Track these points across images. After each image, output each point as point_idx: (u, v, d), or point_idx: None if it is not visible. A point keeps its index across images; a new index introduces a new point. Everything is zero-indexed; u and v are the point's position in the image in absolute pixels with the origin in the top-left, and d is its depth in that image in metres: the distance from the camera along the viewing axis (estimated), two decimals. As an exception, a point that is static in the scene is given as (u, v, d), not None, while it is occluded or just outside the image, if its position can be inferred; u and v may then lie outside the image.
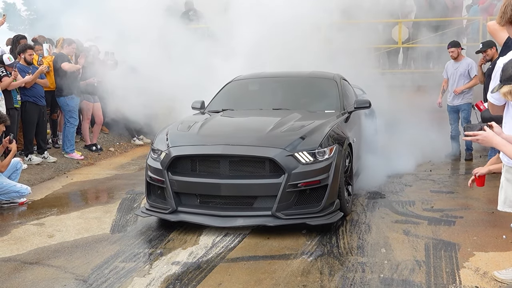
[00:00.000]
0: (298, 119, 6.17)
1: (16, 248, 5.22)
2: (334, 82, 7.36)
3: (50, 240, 5.47)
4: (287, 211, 5.34)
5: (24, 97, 8.64)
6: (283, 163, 5.32)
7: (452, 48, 9.24)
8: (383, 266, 4.57)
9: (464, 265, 4.57)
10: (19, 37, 9.67)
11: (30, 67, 8.85)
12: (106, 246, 5.23)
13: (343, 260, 4.72)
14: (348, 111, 6.90)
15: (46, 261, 4.86)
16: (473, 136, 3.57)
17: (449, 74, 9.38)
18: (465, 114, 9.22)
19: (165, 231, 5.61)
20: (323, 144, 5.54)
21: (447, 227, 5.60)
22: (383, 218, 5.94)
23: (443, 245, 5.04)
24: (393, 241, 5.20)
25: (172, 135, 5.97)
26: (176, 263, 4.73)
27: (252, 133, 5.86)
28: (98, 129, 10.69)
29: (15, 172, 7.06)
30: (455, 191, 7.22)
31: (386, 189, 7.27)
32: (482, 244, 5.07)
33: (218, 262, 4.75)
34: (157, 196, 5.87)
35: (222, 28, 11.31)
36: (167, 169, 5.62)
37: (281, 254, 4.90)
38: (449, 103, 9.43)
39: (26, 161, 8.55)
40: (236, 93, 7.58)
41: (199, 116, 6.86)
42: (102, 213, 6.41)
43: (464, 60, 9.25)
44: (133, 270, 4.60)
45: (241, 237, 5.36)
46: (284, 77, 7.86)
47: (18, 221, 6.17)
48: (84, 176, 8.60)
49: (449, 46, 9.33)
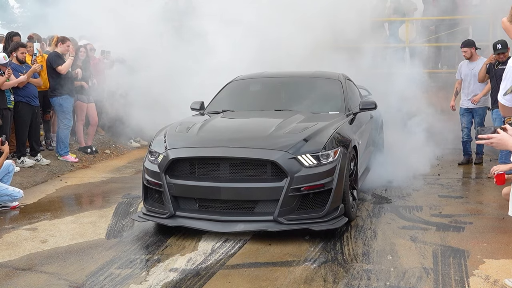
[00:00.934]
0: (301, 121, 6.17)
1: (7, 254, 5.22)
2: (339, 82, 7.36)
3: (43, 245, 5.46)
4: (289, 216, 5.33)
5: (17, 97, 8.64)
6: (285, 166, 5.31)
7: (465, 47, 9.02)
8: (389, 274, 4.56)
9: (473, 272, 4.55)
10: (12, 34, 9.67)
11: (23, 66, 8.86)
12: (102, 252, 5.22)
13: (347, 267, 4.71)
14: (353, 113, 6.89)
15: (39, 268, 4.86)
16: (487, 139, 3.54)
17: (463, 75, 9.14)
18: (479, 119, 8.98)
19: (162, 237, 5.61)
20: (327, 147, 5.53)
21: (456, 233, 5.59)
22: (390, 224, 5.93)
23: (451, 252, 5.03)
24: (399, 247, 5.19)
25: (171, 137, 5.96)
26: (174, 270, 4.72)
27: (253, 135, 5.86)
28: (93, 130, 10.69)
29: (7, 175, 7.05)
30: (464, 196, 7.21)
31: (393, 193, 7.27)
32: (493, 251, 5.06)
33: (218, 269, 4.74)
34: (155, 200, 5.86)
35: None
36: (165, 172, 5.62)
37: (283, 260, 4.89)
38: (462, 105, 9.19)
39: (18, 164, 8.55)
40: (236, 94, 7.58)
41: (198, 117, 6.86)
42: (97, 217, 6.41)
43: (480, 60, 8.95)
44: (129, 277, 4.59)
45: (242, 243, 5.35)
46: (286, 77, 7.86)
47: (10, 225, 6.17)
48: (79, 179, 8.60)
49: (462, 46, 9.11)
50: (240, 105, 7.25)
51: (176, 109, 9.55)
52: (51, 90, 9.40)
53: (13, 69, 8.52)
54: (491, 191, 7.38)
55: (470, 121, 9.17)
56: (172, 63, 10.95)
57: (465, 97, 9.15)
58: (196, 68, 10.68)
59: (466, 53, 9.05)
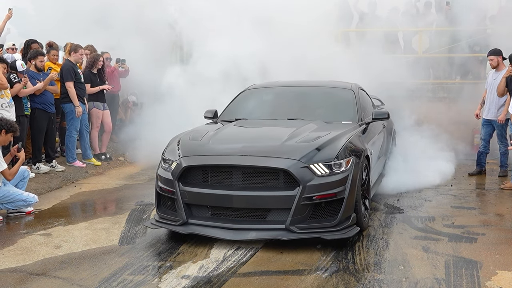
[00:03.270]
0: (314, 130, 6.17)
1: (22, 259, 5.26)
2: (352, 92, 7.35)
3: (57, 251, 5.50)
4: (301, 225, 5.31)
5: (33, 104, 8.73)
6: (298, 175, 5.31)
7: (491, 56, 8.80)
8: (401, 284, 4.53)
9: (486, 284, 4.51)
10: (30, 42, 9.76)
11: (40, 73, 8.95)
12: (114, 258, 5.24)
13: (359, 277, 4.69)
14: (365, 122, 6.88)
15: (53, 273, 4.89)
16: None
17: (488, 84, 8.94)
18: (499, 130, 8.76)
19: (175, 244, 5.62)
20: (339, 156, 5.52)
21: (469, 244, 5.54)
22: (402, 234, 5.90)
23: (464, 263, 4.99)
24: (411, 258, 5.15)
25: (184, 145, 5.98)
26: (186, 277, 4.73)
27: (266, 143, 5.86)
28: (108, 137, 10.75)
29: (22, 180, 7.12)
30: (477, 207, 7.15)
31: (405, 203, 7.23)
32: (506, 262, 5.01)
33: (229, 276, 4.74)
34: (168, 208, 5.88)
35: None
36: (178, 180, 5.63)
37: (295, 269, 4.88)
38: (484, 116, 9.00)
39: (33, 170, 8.62)
40: (250, 102, 7.60)
41: (211, 125, 6.88)
42: (111, 224, 6.44)
43: (505, 70, 8.59)
44: (141, 283, 4.61)
45: (254, 251, 5.35)
46: (299, 86, 7.87)
47: (25, 231, 6.22)
48: (93, 186, 8.65)
49: (488, 54, 8.91)
50: (253, 114, 7.27)
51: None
52: (63, 96, 9.45)
53: (30, 76, 8.61)
54: (504, 203, 7.32)
55: (489, 133, 8.98)
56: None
57: (487, 107, 8.94)
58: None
59: (492, 62, 8.81)
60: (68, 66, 9.36)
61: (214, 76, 10.65)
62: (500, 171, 9.05)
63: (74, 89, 9.30)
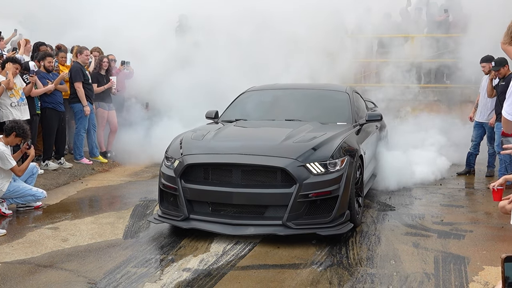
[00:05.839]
0: (310, 130, 6.17)
1: (30, 251, 5.25)
2: (346, 94, 7.36)
3: (64, 244, 5.49)
4: (297, 221, 5.32)
5: (44, 104, 8.71)
6: (294, 173, 5.31)
7: (483, 63, 8.73)
8: (392, 278, 4.53)
9: (473, 278, 4.52)
10: (39, 44, 9.76)
11: (50, 74, 8.94)
12: (119, 251, 5.24)
13: (352, 271, 4.69)
14: (359, 123, 6.88)
15: (60, 265, 4.88)
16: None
17: (481, 89, 8.92)
18: (489, 133, 8.73)
19: (176, 238, 5.62)
20: (334, 156, 5.52)
21: (457, 241, 5.54)
22: (393, 230, 5.90)
23: (452, 259, 4.99)
24: (402, 253, 5.15)
25: (186, 143, 5.98)
26: (187, 270, 4.73)
27: (265, 143, 5.86)
28: (113, 136, 10.73)
29: (31, 176, 7.11)
30: (465, 205, 7.15)
31: (396, 201, 7.22)
32: (492, 258, 5.01)
33: (228, 270, 4.74)
34: (170, 203, 5.88)
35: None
36: (180, 177, 5.63)
37: (291, 263, 4.88)
38: (476, 118, 9.00)
39: (42, 167, 8.61)
40: (249, 104, 7.59)
41: (212, 125, 6.88)
42: (115, 218, 6.43)
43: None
44: (144, 276, 4.61)
45: (252, 245, 5.35)
46: (297, 89, 7.88)
47: (34, 224, 6.21)
48: (99, 182, 8.64)
49: (481, 61, 8.81)
50: (253, 115, 7.27)
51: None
52: (72, 97, 9.44)
53: (40, 77, 8.60)
54: (491, 201, 7.29)
55: (479, 135, 8.96)
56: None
57: (479, 110, 8.93)
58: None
59: (484, 68, 8.73)
60: (77, 67, 9.36)
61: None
62: (487, 171, 9.06)
63: (83, 89, 9.30)
